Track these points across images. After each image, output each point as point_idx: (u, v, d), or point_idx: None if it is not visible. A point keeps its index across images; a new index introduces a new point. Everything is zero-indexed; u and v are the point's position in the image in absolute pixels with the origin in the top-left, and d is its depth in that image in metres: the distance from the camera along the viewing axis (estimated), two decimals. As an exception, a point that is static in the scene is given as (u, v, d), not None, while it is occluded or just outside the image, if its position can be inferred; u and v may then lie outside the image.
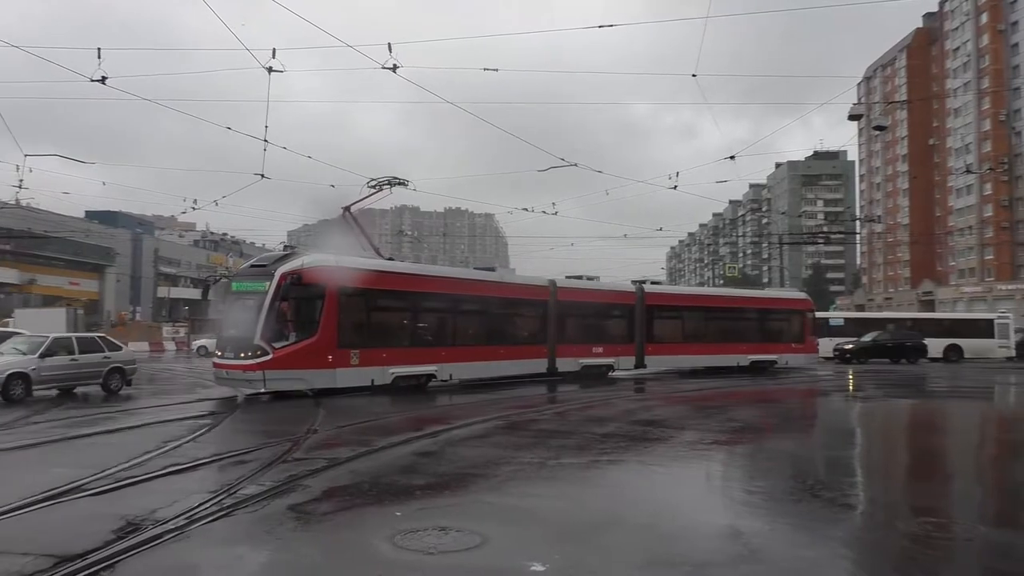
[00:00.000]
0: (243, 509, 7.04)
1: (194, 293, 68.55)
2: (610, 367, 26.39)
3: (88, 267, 74.98)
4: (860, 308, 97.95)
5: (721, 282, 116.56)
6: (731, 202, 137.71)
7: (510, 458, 10.14)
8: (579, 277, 27.90)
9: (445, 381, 20.98)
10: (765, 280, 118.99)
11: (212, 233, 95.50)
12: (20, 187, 20.24)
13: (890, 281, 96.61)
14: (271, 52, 15.69)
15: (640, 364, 27.37)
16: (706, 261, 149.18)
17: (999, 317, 43.63)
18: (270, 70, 15.70)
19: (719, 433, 13.41)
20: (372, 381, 18.59)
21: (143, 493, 7.83)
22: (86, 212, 73.84)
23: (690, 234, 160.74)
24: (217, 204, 25.92)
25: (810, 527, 6.86)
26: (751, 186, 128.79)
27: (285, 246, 22.34)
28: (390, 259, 22.45)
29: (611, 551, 5.91)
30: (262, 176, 20.46)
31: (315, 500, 7.52)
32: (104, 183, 64.29)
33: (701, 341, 29.19)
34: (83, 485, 7.96)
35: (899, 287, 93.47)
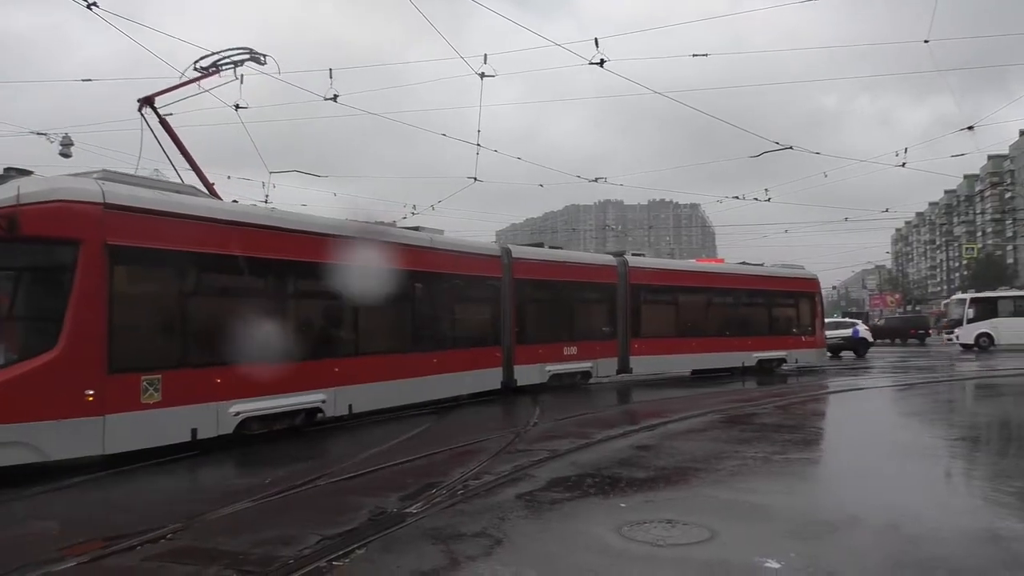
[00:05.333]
0: (476, 496, 7.45)
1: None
2: (587, 374, 19.45)
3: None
4: None
5: (958, 265, 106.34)
6: (966, 177, 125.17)
7: (732, 452, 9.91)
8: (540, 245, 20.54)
9: (340, 417, 12.46)
10: (1010, 260, 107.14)
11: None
12: (266, 201, 22.36)
13: None
14: (483, 58, 16.28)
15: (624, 367, 20.52)
16: (938, 243, 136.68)
17: None
18: (482, 75, 16.30)
19: (960, 428, 12.35)
20: (194, 432, 10.03)
21: (386, 480, 8.50)
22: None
23: (918, 214, 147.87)
24: (434, 208, 27.31)
25: (1085, 534, 6.14)
26: (990, 158, 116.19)
27: (7, 169, 9.93)
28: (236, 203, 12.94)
29: (851, 551, 5.64)
30: (475, 179, 21.27)
31: (541, 489, 7.79)
32: (335, 194, 69.63)
33: (699, 334, 22.31)
34: (329, 472, 8.77)
35: None
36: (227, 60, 12.90)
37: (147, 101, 12.37)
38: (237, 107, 16.53)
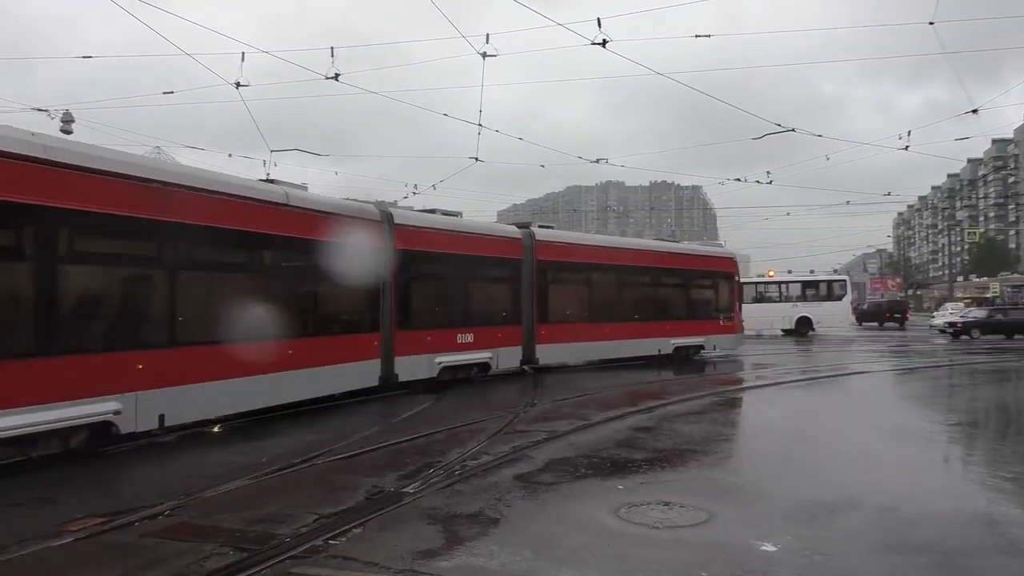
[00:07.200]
0: (474, 477, 7.46)
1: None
2: (485, 366, 16.59)
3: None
4: None
5: (960, 249, 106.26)
6: (970, 161, 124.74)
7: (729, 435, 9.93)
8: (432, 211, 16.99)
9: (148, 433, 9.17)
10: (1012, 245, 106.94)
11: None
12: (267, 180, 22.28)
13: None
14: (485, 38, 16.15)
15: (529, 358, 17.78)
16: (940, 227, 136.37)
17: None
18: (484, 55, 16.17)
19: (962, 413, 12.38)
20: None
21: (383, 459, 8.51)
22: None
23: (921, 198, 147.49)
24: (435, 188, 27.11)
25: (1081, 520, 6.16)
26: (994, 142, 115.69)
27: None
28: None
29: (848, 534, 5.65)
30: (476, 159, 21.18)
31: (539, 471, 7.80)
32: (336, 173, 69.76)
33: (613, 319, 19.88)
34: (333, 449, 8.80)
35: None
36: None
37: None
38: (238, 85, 16.47)
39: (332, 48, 15.77)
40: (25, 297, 7.98)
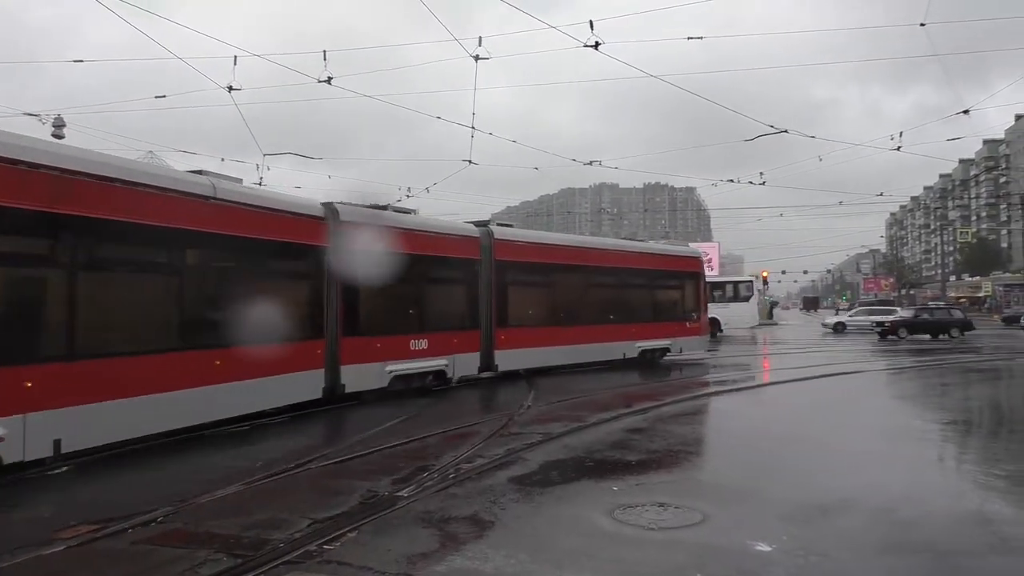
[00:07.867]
0: (469, 480, 7.44)
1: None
2: (441, 374, 15.38)
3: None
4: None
5: (952, 249, 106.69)
6: (961, 161, 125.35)
7: (722, 435, 9.95)
8: (383, 208, 15.20)
9: (41, 461, 7.90)
10: (1004, 245, 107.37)
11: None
12: (260, 184, 22.22)
13: None
14: (478, 40, 16.15)
15: (488, 364, 16.81)
16: (932, 227, 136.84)
17: None
18: (476, 58, 16.17)
19: (956, 412, 12.41)
20: None
21: (378, 463, 8.49)
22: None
23: (913, 198, 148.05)
24: (429, 191, 27.15)
25: (1074, 518, 6.18)
26: (985, 142, 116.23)
27: None
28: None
29: (843, 534, 5.66)
30: (470, 162, 21.18)
31: (534, 473, 7.80)
32: (330, 176, 69.84)
33: (575, 322, 18.94)
34: (327, 454, 8.77)
35: None
36: None
37: None
38: (231, 88, 16.42)
39: (324, 52, 15.75)
40: None
